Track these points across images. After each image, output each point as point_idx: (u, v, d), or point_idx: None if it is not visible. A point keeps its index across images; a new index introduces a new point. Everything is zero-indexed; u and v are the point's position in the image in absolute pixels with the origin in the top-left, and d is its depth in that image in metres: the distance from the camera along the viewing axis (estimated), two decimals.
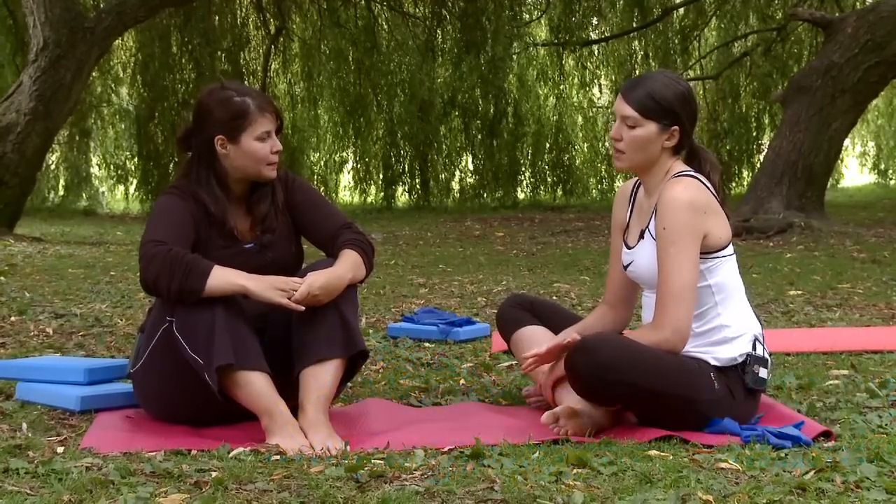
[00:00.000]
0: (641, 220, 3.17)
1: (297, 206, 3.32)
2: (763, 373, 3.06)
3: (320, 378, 3.02)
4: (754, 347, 3.07)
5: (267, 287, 3.00)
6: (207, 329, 2.92)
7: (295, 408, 3.01)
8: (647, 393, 2.93)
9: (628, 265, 3.20)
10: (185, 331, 2.94)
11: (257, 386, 2.96)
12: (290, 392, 3.04)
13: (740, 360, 3.05)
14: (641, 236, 3.15)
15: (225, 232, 3.19)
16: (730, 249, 3.11)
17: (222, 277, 2.98)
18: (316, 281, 3.05)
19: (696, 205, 2.99)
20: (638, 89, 3.08)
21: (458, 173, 17.77)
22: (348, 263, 3.15)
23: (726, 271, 3.09)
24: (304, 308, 3.01)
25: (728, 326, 3.06)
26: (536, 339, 3.34)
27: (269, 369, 3.03)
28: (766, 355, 3.10)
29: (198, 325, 2.93)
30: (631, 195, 3.26)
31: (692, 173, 3.08)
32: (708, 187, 3.07)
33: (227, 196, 3.21)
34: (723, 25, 16.95)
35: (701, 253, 3.02)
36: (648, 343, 2.98)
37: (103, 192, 18.21)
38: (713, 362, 3.03)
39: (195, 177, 3.21)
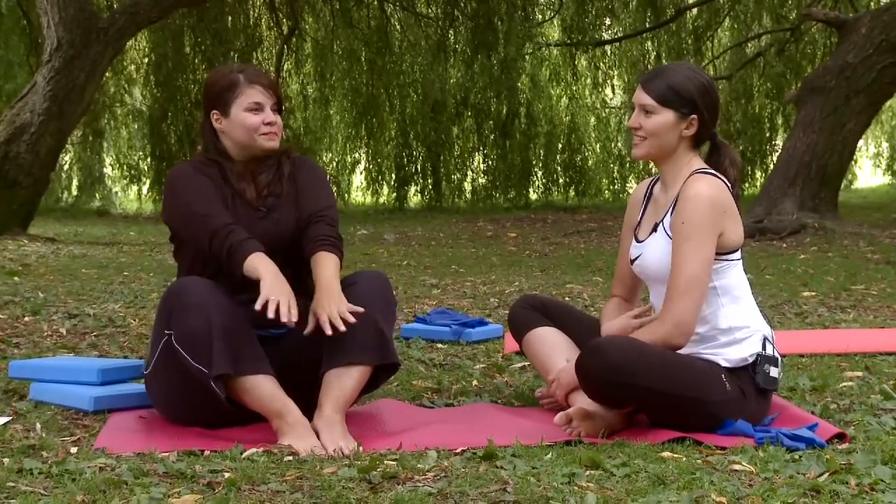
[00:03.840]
0: (656, 214, 3.16)
1: (296, 184, 3.33)
2: (774, 372, 3.05)
3: (344, 380, 3.02)
4: (764, 347, 3.06)
5: (274, 285, 2.97)
6: (205, 339, 2.91)
7: (314, 407, 3.00)
8: (658, 395, 2.92)
9: (636, 259, 3.19)
10: (184, 342, 2.94)
11: (263, 389, 2.96)
12: (313, 393, 3.04)
13: (751, 360, 3.04)
14: (654, 230, 3.13)
15: (235, 193, 3.22)
16: (738, 254, 3.11)
17: (251, 265, 3.03)
18: (327, 310, 3.01)
19: (716, 203, 2.99)
20: (657, 79, 3.09)
21: (470, 174, 17.78)
22: (330, 268, 3.12)
23: (734, 275, 3.09)
24: (272, 316, 2.95)
25: (736, 328, 3.05)
26: (549, 340, 3.34)
27: (291, 367, 3.05)
28: (777, 354, 3.09)
29: (195, 335, 2.92)
30: (645, 195, 3.26)
31: (714, 172, 3.07)
32: (728, 187, 3.07)
33: (233, 167, 3.26)
34: (736, 26, 16.92)
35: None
36: (651, 339, 2.97)
37: (116, 193, 18.28)
38: (724, 363, 3.02)
39: (205, 150, 3.29)
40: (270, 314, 2.92)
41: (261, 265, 3.03)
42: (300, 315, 3.07)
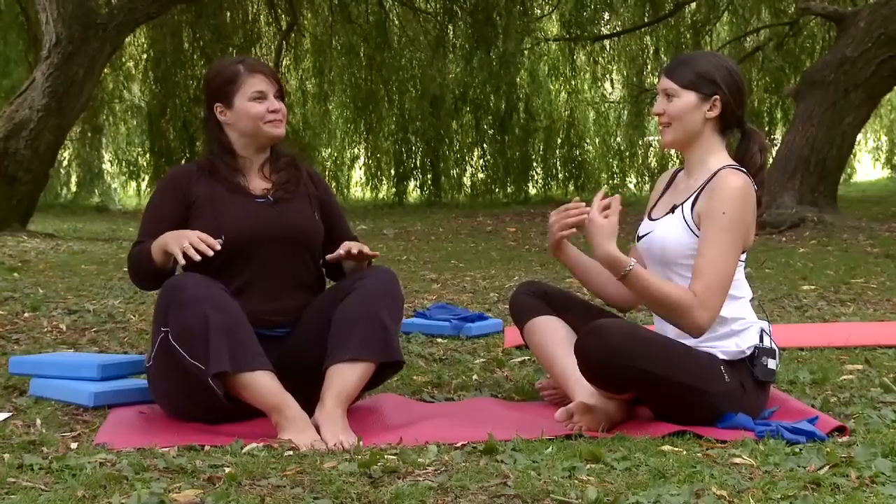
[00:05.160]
0: (676, 197, 3.15)
1: (323, 204, 3.37)
2: (772, 364, 3.05)
3: (346, 375, 3.01)
4: (761, 339, 3.06)
5: (173, 238, 3.03)
6: (201, 336, 2.91)
7: (315, 404, 3.00)
8: (656, 380, 2.91)
9: (644, 235, 3.17)
10: (181, 339, 2.93)
11: (261, 385, 2.95)
12: (316, 391, 3.03)
13: (748, 352, 3.04)
14: (671, 211, 3.12)
15: (233, 187, 3.23)
16: (744, 255, 3.11)
17: (155, 246, 3.08)
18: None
19: (752, 201, 3.01)
20: (678, 65, 3.13)
21: (469, 169, 17.77)
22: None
23: (737, 273, 3.08)
24: (184, 262, 3.00)
25: (733, 320, 3.05)
26: (550, 331, 3.31)
27: (293, 368, 3.07)
28: (774, 346, 3.09)
29: (192, 332, 2.92)
30: (669, 179, 3.27)
31: (744, 170, 3.06)
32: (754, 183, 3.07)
33: (239, 162, 3.27)
34: (735, 20, 16.91)
35: None
36: (678, 303, 2.92)
37: (115, 189, 18.28)
38: (721, 356, 3.02)
39: (208, 150, 3.31)
40: (195, 256, 2.96)
41: (158, 241, 3.07)
42: (292, 311, 3.18)
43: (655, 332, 3.00)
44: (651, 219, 3.20)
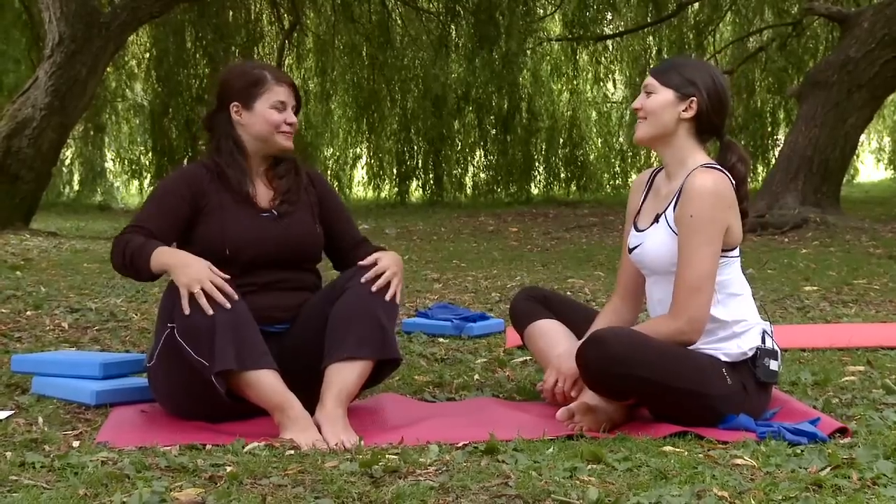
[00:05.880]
0: (658, 205, 3.16)
1: (323, 204, 3.36)
2: (774, 365, 3.05)
3: (345, 375, 3.02)
4: (763, 340, 3.06)
5: (182, 271, 2.96)
6: (208, 332, 2.91)
7: (315, 402, 3.01)
8: (658, 387, 2.92)
9: (635, 248, 3.18)
10: (187, 336, 2.93)
11: (265, 383, 2.95)
12: (314, 388, 3.04)
13: (750, 353, 3.04)
14: (656, 220, 3.13)
15: (241, 198, 3.22)
16: (737, 251, 3.11)
17: (157, 259, 3.02)
18: (389, 262, 3.14)
19: (724, 198, 3.00)
20: (665, 66, 3.17)
21: (471, 169, 17.78)
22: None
23: (732, 271, 3.09)
24: (188, 311, 2.94)
25: (735, 322, 3.05)
26: (550, 333, 3.33)
27: (292, 363, 3.06)
28: (776, 347, 3.09)
29: (198, 329, 2.92)
30: (647, 182, 3.25)
31: (720, 168, 3.07)
32: (733, 184, 3.07)
33: (248, 167, 3.26)
34: (738, 20, 16.90)
35: None
36: (663, 334, 2.97)
37: (118, 187, 18.29)
38: (723, 358, 3.02)
39: (216, 146, 3.28)
40: (208, 309, 2.90)
41: (164, 256, 3.02)
42: (293, 308, 3.18)
43: (654, 339, 2.99)
44: (638, 229, 3.20)
